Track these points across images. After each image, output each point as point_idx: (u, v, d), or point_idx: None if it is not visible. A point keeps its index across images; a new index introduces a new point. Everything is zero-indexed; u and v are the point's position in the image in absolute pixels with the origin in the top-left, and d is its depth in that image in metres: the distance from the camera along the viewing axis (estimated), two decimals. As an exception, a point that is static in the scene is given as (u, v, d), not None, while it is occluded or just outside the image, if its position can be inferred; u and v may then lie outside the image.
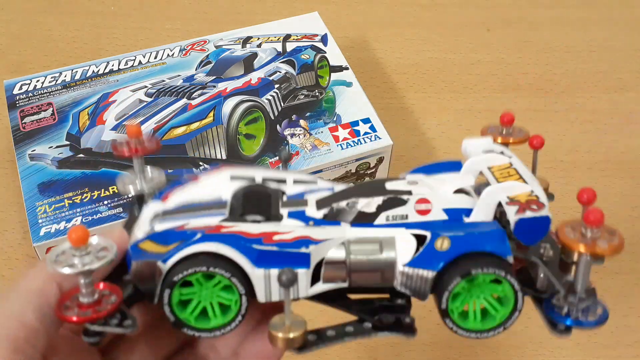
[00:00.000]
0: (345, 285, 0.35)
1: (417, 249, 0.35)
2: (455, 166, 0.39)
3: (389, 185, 0.37)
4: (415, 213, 0.36)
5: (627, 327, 0.62)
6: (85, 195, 0.66)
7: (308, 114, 0.74)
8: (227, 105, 0.74)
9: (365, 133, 0.72)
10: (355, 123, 0.73)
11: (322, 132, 0.72)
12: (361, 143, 0.71)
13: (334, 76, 0.78)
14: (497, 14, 0.94)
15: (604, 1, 0.95)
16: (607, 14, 0.93)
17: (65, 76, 0.78)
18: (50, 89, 0.77)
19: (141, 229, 0.36)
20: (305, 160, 0.70)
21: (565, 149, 0.78)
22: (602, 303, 0.35)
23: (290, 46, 0.82)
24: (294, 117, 0.74)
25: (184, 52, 0.81)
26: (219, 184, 0.38)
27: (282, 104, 0.75)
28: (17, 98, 0.76)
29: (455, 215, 0.36)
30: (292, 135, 0.72)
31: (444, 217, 0.36)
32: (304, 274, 0.34)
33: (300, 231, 0.35)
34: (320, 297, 0.36)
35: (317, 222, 0.36)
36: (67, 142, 0.71)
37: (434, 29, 0.92)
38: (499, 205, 0.35)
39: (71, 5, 0.96)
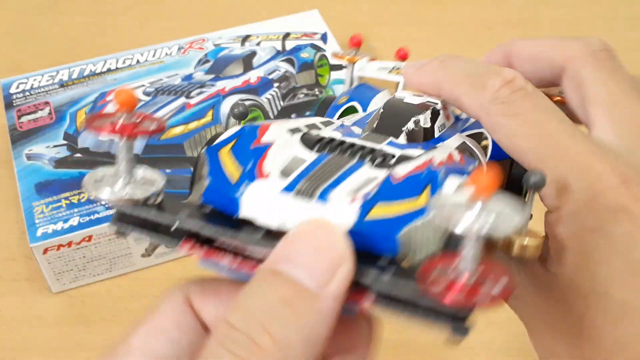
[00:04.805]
0: None
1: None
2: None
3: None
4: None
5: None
6: (82, 195, 0.65)
7: (308, 113, 0.74)
8: (226, 104, 0.73)
9: (366, 132, 0.71)
10: (356, 122, 0.72)
11: (322, 131, 0.72)
12: (361, 142, 0.70)
13: (334, 75, 0.78)
14: (499, 13, 0.93)
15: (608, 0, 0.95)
16: (611, 13, 0.93)
17: (63, 75, 0.78)
18: (47, 87, 0.76)
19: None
20: (305, 160, 0.69)
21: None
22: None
23: (289, 44, 0.81)
24: (293, 116, 0.73)
25: (182, 51, 0.81)
26: (286, 142, 0.29)
27: (281, 102, 0.75)
28: (14, 97, 0.75)
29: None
30: (292, 134, 0.71)
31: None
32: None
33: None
34: None
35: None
36: (65, 142, 0.71)
37: (436, 27, 0.91)
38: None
39: (68, 3, 0.95)
